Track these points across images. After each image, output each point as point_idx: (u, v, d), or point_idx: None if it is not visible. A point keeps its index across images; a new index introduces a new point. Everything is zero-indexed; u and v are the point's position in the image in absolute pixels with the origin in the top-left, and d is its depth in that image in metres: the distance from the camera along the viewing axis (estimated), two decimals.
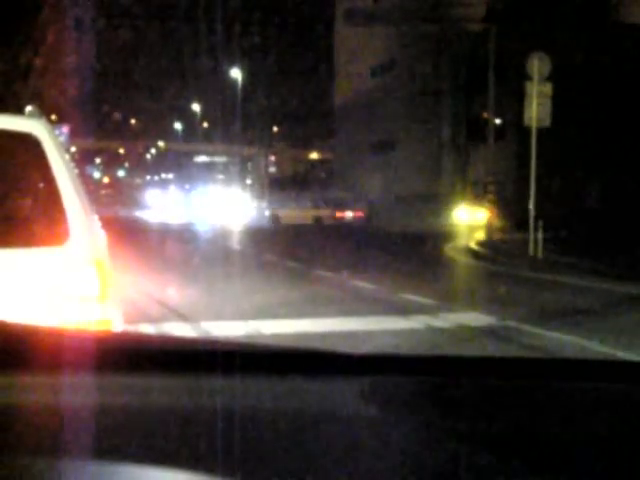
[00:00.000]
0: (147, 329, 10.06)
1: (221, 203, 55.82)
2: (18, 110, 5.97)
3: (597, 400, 1.71)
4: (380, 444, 1.44)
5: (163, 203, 65.04)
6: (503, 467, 1.39)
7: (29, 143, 4.59)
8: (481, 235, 30.18)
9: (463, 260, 23.49)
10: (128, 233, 26.83)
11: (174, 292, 14.92)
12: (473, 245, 27.08)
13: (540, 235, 22.22)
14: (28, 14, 26.82)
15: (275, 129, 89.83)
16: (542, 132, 23.21)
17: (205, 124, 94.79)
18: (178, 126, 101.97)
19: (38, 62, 28.90)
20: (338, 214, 49.02)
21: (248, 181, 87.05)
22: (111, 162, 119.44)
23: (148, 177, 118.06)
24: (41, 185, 4.68)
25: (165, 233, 35.89)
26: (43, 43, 28.44)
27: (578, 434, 1.54)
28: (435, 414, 1.57)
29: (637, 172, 40.39)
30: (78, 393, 1.56)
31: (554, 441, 1.49)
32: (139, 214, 53.69)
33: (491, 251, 24.84)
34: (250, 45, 66.36)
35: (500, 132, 39.46)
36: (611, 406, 1.68)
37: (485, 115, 35.72)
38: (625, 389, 1.76)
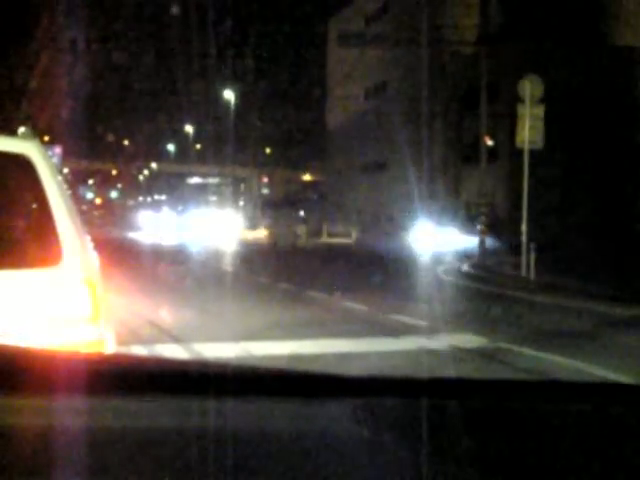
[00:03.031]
0: (139, 350, 10.04)
1: (214, 224, 55.77)
2: (11, 131, 5.98)
3: (589, 422, 1.71)
4: (372, 466, 1.44)
5: (156, 224, 64.91)
6: None
7: (22, 164, 4.58)
8: (473, 256, 30.18)
9: (456, 281, 23.49)
10: (121, 254, 26.79)
11: (166, 313, 14.89)
12: (465, 266, 27.10)
13: (532, 256, 22.24)
14: (22, 37, 26.87)
15: (268, 151, 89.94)
16: (535, 154, 23.28)
17: (198, 146, 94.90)
18: (171, 147, 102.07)
19: (31, 84, 28.95)
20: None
21: (241, 202, 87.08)
22: (104, 183, 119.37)
23: (141, 198, 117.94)
24: (34, 206, 4.68)
25: (158, 254, 35.84)
26: (36, 65, 28.49)
27: (571, 456, 1.54)
28: (427, 436, 1.57)
29: (630, 194, 40.49)
30: (70, 415, 1.55)
31: (547, 464, 1.49)
32: (132, 235, 53.61)
33: (483, 272, 24.86)
34: (243, 67, 66.56)
35: (493, 154, 39.56)
36: (604, 428, 1.68)
37: (478, 137, 35.79)
38: (619, 411, 1.76)
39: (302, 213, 61.85)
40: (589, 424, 1.70)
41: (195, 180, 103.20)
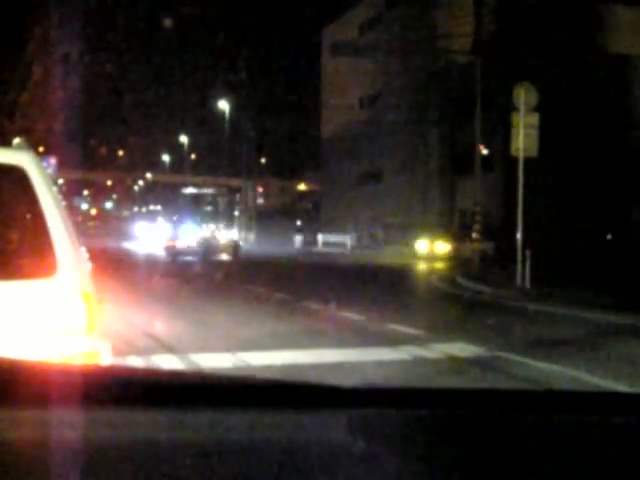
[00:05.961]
0: (135, 361, 10.02)
1: (208, 234, 55.66)
2: (5, 143, 5.98)
3: (586, 431, 1.70)
4: (368, 477, 1.44)
5: (151, 235, 64.84)
6: None
7: (16, 175, 4.58)
8: (468, 265, 30.20)
9: (450, 290, 23.49)
10: (116, 265, 26.77)
11: (162, 324, 14.87)
12: (460, 275, 27.10)
13: (527, 265, 22.24)
14: (15, 48, 26.90)
15: (263, 160, 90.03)
16: (529, 162, 23.29)
17: (193, 156, 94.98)
18: (166, 158, 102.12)
19: (25, 95, 28.95)
20: None
21: (236, 212, 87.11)
22: (99, 194, 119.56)
23: (136, 209, 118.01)
24: (28, 217, 4.67)
25: (153, 265, 35.83)
26: (31, 76, 28.51)
27: (566, 465, 1.54)
28: (423, 447, 1.57)
29: (623, 202, 40.54)
30: (66, 427, 1.55)
31: (542, 472, 1.48)
32: (127, 246, 53.58)
33: (478, 281, 24.86)
34: (238, 78, 66.64)
35: (487, 162, 39.62)
36: (602, 437, 1.67)
37: (472, 146, 35.85)
38: (616, 420, 1.75)
39: (298, 222, 61.90)
40: (586, 433, 1.70)
41: (190, 190, 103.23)
